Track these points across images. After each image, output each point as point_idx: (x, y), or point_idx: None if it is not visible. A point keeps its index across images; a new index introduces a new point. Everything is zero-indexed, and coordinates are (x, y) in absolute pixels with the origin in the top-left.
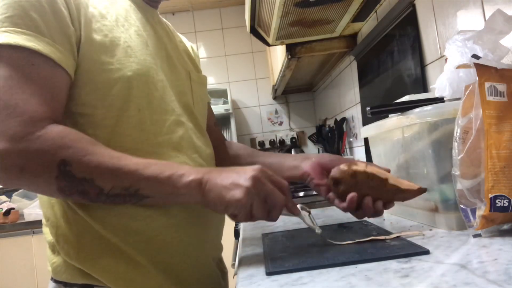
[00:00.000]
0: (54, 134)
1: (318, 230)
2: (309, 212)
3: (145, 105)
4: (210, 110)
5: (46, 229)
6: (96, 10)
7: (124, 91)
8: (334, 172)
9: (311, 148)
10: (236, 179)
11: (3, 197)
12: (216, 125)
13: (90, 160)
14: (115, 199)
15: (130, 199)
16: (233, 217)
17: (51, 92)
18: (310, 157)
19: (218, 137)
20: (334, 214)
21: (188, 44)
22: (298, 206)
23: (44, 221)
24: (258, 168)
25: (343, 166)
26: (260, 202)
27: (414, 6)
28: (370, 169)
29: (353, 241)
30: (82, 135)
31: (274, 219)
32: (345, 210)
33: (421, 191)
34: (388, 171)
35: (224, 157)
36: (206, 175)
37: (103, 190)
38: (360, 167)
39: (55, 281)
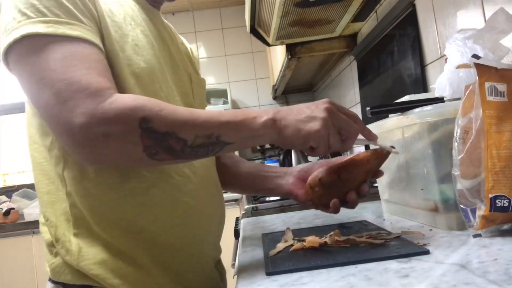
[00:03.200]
0: (125, 97)
1: (395, 151)
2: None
3: None
4: None
5: (44, 228)
6: (107, 6)
7: (134, 86)
8: (304, 195)
9: None
10: (311, 112)
11: (3, 197)
12: None
13: (167, 114)
14: (200, 150)
15: (213, 148)
16: (311, 150)
17: (102, 67)
18: (291, 172)
19: None
20: (334, 214)
21: (188, 46)
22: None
23: (42, 221)
24: (328, 100)
25: (309, 178)
26: (336, 133)
27: (414, 6)
28: (321, 175)
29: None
30: (148, 97)
31: (348, 148)
32: (335, 212)
33: (385, 152)
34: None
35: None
36: (277, 114)
37: (187, 141)
38: (313, 177)
39: (53, 282)
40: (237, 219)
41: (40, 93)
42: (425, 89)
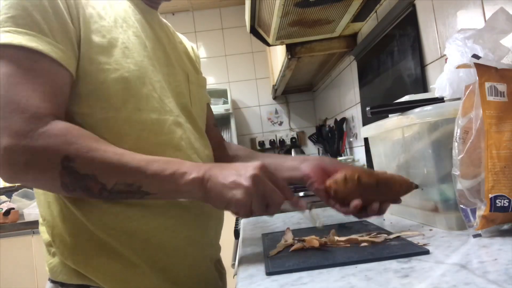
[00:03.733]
0: (58, 130)
1: (319, 225)
2: (310, 209)
3: (145, 105)
4: (210, 110)
5: (42, 228)
6: (95, 10)
7: (123, 91)
8: (330, 182)
9: (311, 148)
10: (237, 178)
11: (3, 197)
12: (216, 126)
13: (93, 156)
14: (118, 195)
15: (133, 196)
16: (234, 213)
17: (53, 89)
18: (310, 159)
19: (217, 138)
20: (334, 214)
21: (189, 45)
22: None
23: (40, 221)
24: (258, 165)
25: (337, 175)
26: (260, 200)
27: (414, 6)
28: (362, 174)
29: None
30: (85, 131)
31: (271, 215)
32: (346, 214)
33: (413, 186)
34: (384, 173)
35: (223, 157)
36: (207, 172)
37: (106, 186)
38: (352, 172)
39: (52, 282)
40: (237, 219)
41: None
42: (425, 89)
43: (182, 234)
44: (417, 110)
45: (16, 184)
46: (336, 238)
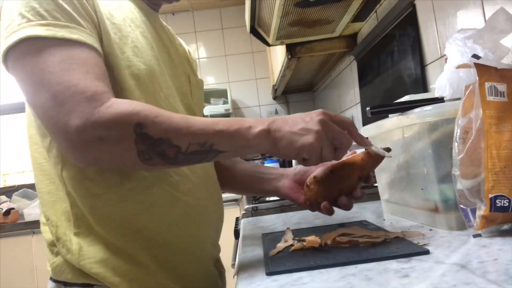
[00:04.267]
0: (121, 102)
1: (389, 155)
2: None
3: (154, 103)
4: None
5: (45, 228)
6: (106, 8)
7: (134, 87)
8: (303, 197)
9: None
10: (305, 125)
11: (3, 197)
12: None
13: (162, 120)
14: (193, 157)
15: (207, 156)
16: (304, 161)
17: (100, 71)
18: (287, 175)
19: None
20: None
21: (186, 48)
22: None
23: (43, 220)
24: (322, 111)
25: (307, 179)
26: (329, 144)
27: (414, 6)
28: (316, 172)
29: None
30: (144, 103)
31: (340, 158)
32: (327, 214)
33: (379, 157)
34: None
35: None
36: (272, 125)
37: (180, 148)
38: (309, 177)
39: (55, 281)
40: (237, 219)
41: (37, 95)
42: (425, 89)
43: (186, 232)
44: (417, 110)
45: (16, 184)
46: (337, 238)
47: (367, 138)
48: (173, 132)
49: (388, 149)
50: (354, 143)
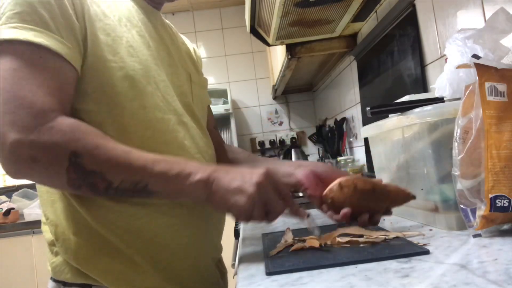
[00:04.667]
0: (65, 126)
1: (317, 232)
2: (308, 215)
3: (150, 104)
4: (210, 113)
5: (45, 228)
6: (100, 9)
7: (128, 89)
8: (326, 191)
9: (311, 148)
10: (242, 184)
11: (3, 197)
12: (216, 129)
13: (100, 153)
14: (123, 193)
15: (139, 194)
16: (234, 217)
17: (59, 84)
18: (304, 165)
19: (218, 140)
20: None
21: (191, 46)
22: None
23: (43, 220)
24: (263, 172)
25: (333, 184)
26: (261, 207)
27: (414, 6)
28: (357, 180)
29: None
30: (92, 128)
31: (270, 222)
32: (337, 221)
33: (410, 196)
34: (380, 181)
35: (222, 160)
36: (212, 175)
37: (112, 183)
38: (347, 179)
39: (55, 281)
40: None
41: None
42: (425, 89)
43: (185, 233)
44: (417, 110)
45: (16, 184)
46: (337, 239)
47: (306, 211)
48: (107, 167)
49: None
50: (287, 211)
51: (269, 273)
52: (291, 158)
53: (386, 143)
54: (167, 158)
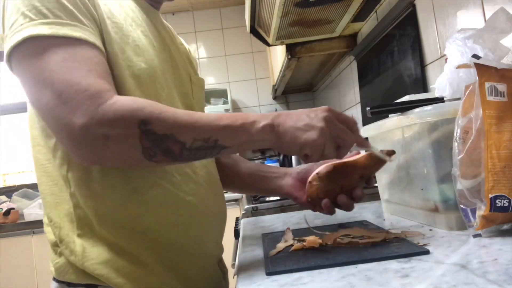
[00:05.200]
0: (125, 100)
1: (389, 159)
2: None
3: None
4: None
5: (48, 229)
6: (107, 7)
7: (135, 87)
8: (305, 195)
9: None
10: (310, 121)
11: (3, 197)
12: None
13: (167, 116)
14: (197, 152)
15: (211, 151)
16: (306, 157)
17: (102, 69)
18: (290, 173)
19: None
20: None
21: (187, 47)
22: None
23: (46, 221)
24: (327, 108)
25: (307, 185)
26: (332, 142)
27: (414, 6)
28: (320, 169)
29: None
30: (147, 99)
31: (342, 156)
32: (328, 214)
33: (385, 155)
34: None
35: (222, 159)
36: (276, 119)
37: (185, 144)
38: (313, 174)
39: (58, 281)
40: (237, 219)
41: (40, 94)
42: (425, 89)
43: (191, 232)
44: (417, 110)
45: (16, 184)
46: (337, 239)
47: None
48: (177, 128)
49: (392, 152)
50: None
51: (269, 273)
52: (291, 158)
53: (386, 143)
54: (227, 114)
